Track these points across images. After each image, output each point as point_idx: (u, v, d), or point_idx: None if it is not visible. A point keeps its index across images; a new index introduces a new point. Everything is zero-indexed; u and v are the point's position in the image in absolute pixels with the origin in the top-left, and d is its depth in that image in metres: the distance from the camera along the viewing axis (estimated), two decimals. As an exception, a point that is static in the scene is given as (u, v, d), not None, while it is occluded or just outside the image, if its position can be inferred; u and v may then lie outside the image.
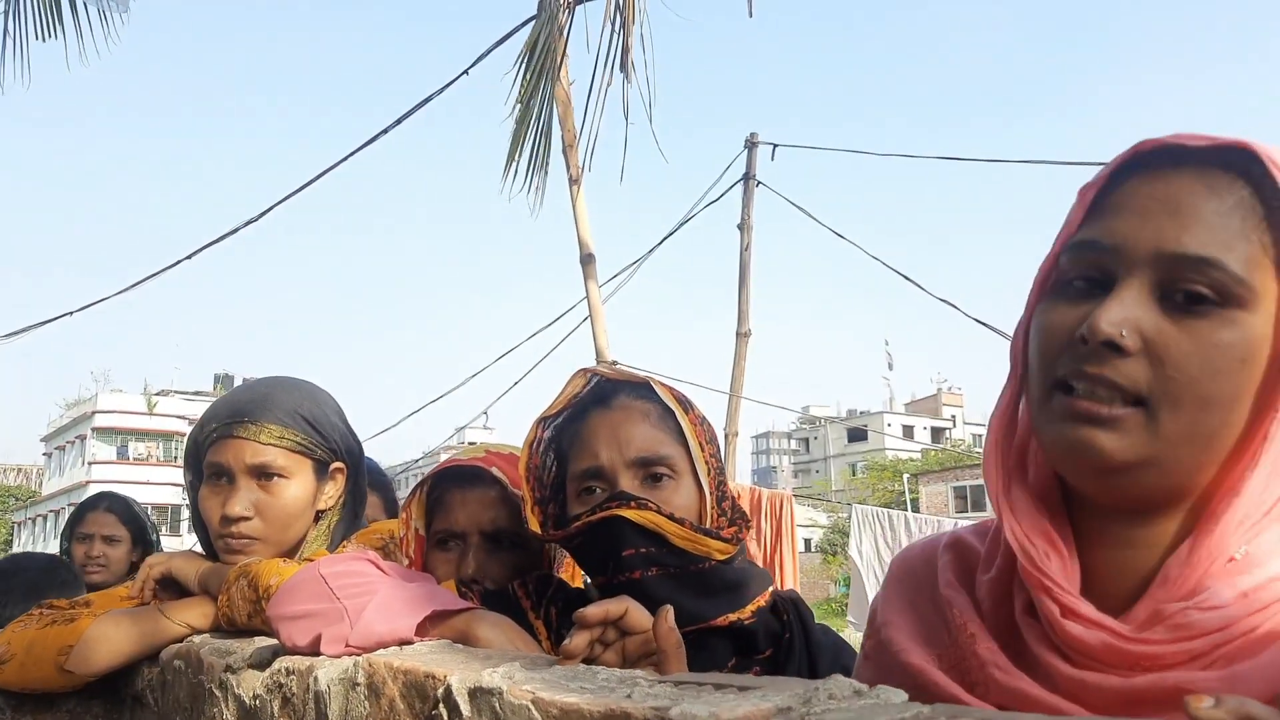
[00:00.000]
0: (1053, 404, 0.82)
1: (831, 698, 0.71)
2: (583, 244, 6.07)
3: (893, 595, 1.01)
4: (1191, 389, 0.77)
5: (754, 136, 7.63)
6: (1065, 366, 0.81)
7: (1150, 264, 0.79)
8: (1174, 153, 0.81)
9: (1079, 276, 0.83)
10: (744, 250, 7.26)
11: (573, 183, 5.70)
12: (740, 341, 7.04)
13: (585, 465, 1.35)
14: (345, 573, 1.25)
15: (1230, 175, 0.79)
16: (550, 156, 5.46)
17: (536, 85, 5.10)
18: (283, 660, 1.23)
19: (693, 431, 1.37)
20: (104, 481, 43.70)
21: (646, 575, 1.26)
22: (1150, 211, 0.80)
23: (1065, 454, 0.81)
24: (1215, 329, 0.77)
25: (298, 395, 1.77)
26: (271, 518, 1.69)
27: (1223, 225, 0.78)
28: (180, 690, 1.50)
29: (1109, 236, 0.81)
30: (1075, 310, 0.81)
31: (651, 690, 0.80)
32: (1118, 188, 0.83)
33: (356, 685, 1.06)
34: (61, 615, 1.67)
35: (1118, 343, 0.77)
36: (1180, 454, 0.78)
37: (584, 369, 1.45)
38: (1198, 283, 0.77)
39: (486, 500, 1.58)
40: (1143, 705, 0.76)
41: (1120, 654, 0.77)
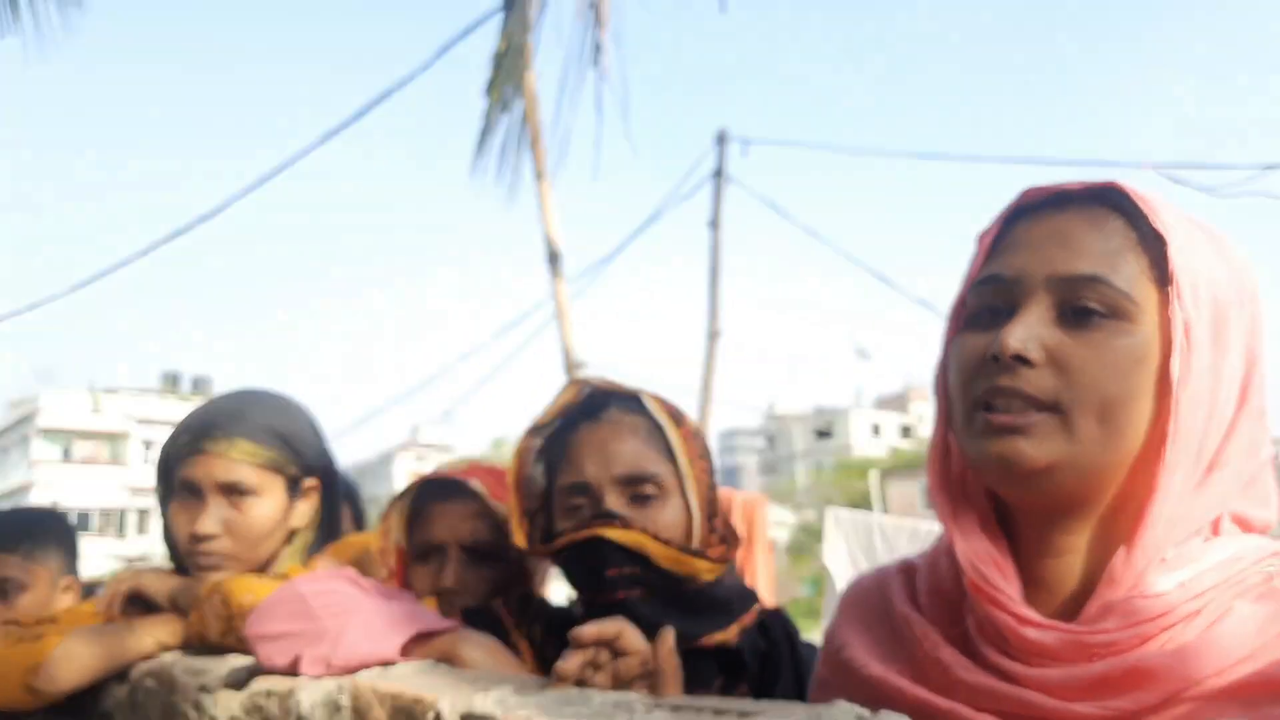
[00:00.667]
0: (974, 423, 0.90)
1: (835, 725, 0.71)
2: (550, 241, 6.04)
3: (847, 620, 1.07)
4: (1096, 390, 0.86)
5: (724, 132, 7.60)
6: (981, 387, 0.90)
7: (1046, 287, 0.89)
8: (1057, 197, 0.93)
9: (985, 309, 0.93)
10: (715, 248, 7.25)
11: (539, 179, 5.67)
12: (711, 341, 7.04)
13: (571, 480, 1.33)
14: (325, 591, 1.23)
15: (1107, 210, 0.91)
16: (519, 152, 5.43)
17: (505, 80, 5.06)
18: (261, 681, 1.21)
19: (683, 447, 1.35)
20: (48, 483, 42.67)
21: (630, 596, 1.25)
22: (1042, 244, 0.91)
23: (991, 465, 0.89)
24: (1109, 337, 0.87)
25: (271, 410, 1.74)
26: (241, 536, 1.66)
27: (1106, 250, 0.89)
28: (152, 710, 1.46)
29: (1008, 269, 0.92)
30: (984, 337, 0.91)
31: (649, 716, 0.79)
32: (1011, 231, 0.95)
33: (340, 709, 1.05)
34: (27, 633, 1.62)
35: (1024, 355, 0.86)
36: (1093, 452, 0.87)
37: (577, 379, 1.44)
38: (1089, 299, 0.87)
39: (465, 512, 1.56)
40: (1106, 687, 0.82)
41: (1079, 647, 0.84)
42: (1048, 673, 0.84)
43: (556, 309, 6.37)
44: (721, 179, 7.51)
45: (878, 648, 1.00)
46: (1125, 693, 0.81)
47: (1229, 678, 0.80)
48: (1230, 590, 0.85)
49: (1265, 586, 0.85)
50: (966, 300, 0.96)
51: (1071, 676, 0.83)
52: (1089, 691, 0.82)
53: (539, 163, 5.73)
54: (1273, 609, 0.83)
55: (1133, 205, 0.91)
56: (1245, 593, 0.85)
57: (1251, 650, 0.81)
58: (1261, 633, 0.82)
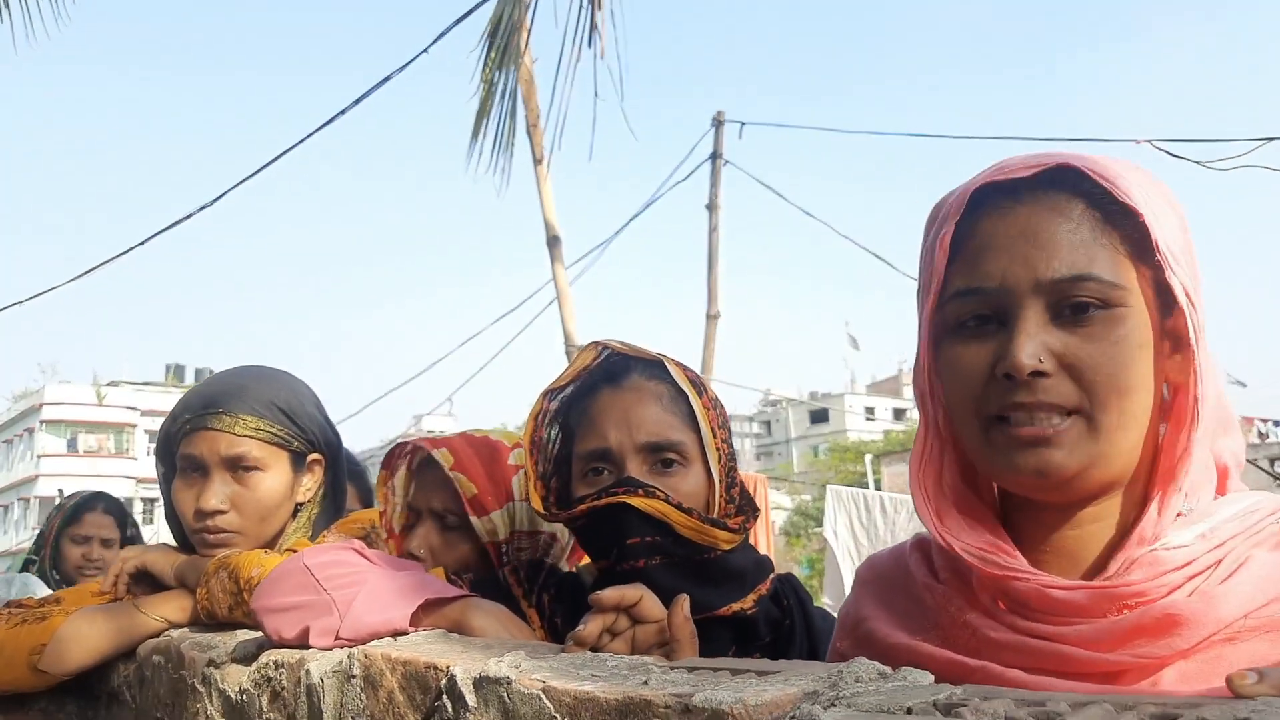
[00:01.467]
0: (993, 437, 0.90)
1: (858, 680, 0.69)
2: (549, 225, 6.01)
3: (865, 596, 1.07)
4: (1111, 385, 0.86)
5: (721, 114, 7.55)
6: (995, 403, 0.89)
7: (1034, 293, 0.88)
8: (1006, 187, 0.91)
9: (971, 317, 0.92)
10: (712, 231, 7.22)
11: (537, 163, 5.63)
12: (710, 323, 7.02)
13: (592, 445, 1.31)
14: (332, 563, 1.22)
15: (1065, 194, 0.89)
16: (515, 137, 5.39)
17: (500, 63, 5.02)
18: (270, 654, 1.20)
19: (705, 416, 1.33)
20: (53, 475, 42.79)
21: (650, 564, 1.23)
22: (1013, 247, 0.89)
23: (1023, 478, 0.88)
24: (1109, 328, 0.87)
25: (273, 385, 1.73)
26: (248, 511, 1.65)
27: (1079, 241, 0.88)
28: (160, 686, 1.45)
29: (987, 280, 0.90)
30: (982, 348, 0.90)
31: (668, 677, 0.78)
32: (972, 230, 0.92)
33: (352, 678, 1.03)
34: (32, 614, 1.61)
35: (1040, 370, 0.86)
36: (1118, 443, 0.88)
37: (595, 341, 1.40)
38: (1080, 295, 0.87)
39: (436, 481, 1.57)
40: (1139, 635, 0.82)
41: (1109, 599, 0.84)
42: (1080, 628, 0.85)
43: (556, 293, 6.35)
44: (718, 161, 7.47)
45: (900, 619, 1.00)
46: (1157, 639, 0.82)
47: (1255, 620, 0.82)
48: (1249, 540, 0.87)
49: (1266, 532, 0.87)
50: (944, 307, 0.94)
51: (1104, 628, 0.84)
52: (1122, 641, 0.83)
53: (536, 147, 5.70)
54: None
55: (1090, 183, 0.89)
56: (1263, 542, 0.87)
57: (1276, 594, 0.83)
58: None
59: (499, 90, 5.35)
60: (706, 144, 7.57)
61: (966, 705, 0.60)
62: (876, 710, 0.61)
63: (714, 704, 0.66)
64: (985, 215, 0.92)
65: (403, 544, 1.58)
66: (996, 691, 0.63)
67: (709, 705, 0.67)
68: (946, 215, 0.94)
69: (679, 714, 0.68)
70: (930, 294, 0.95)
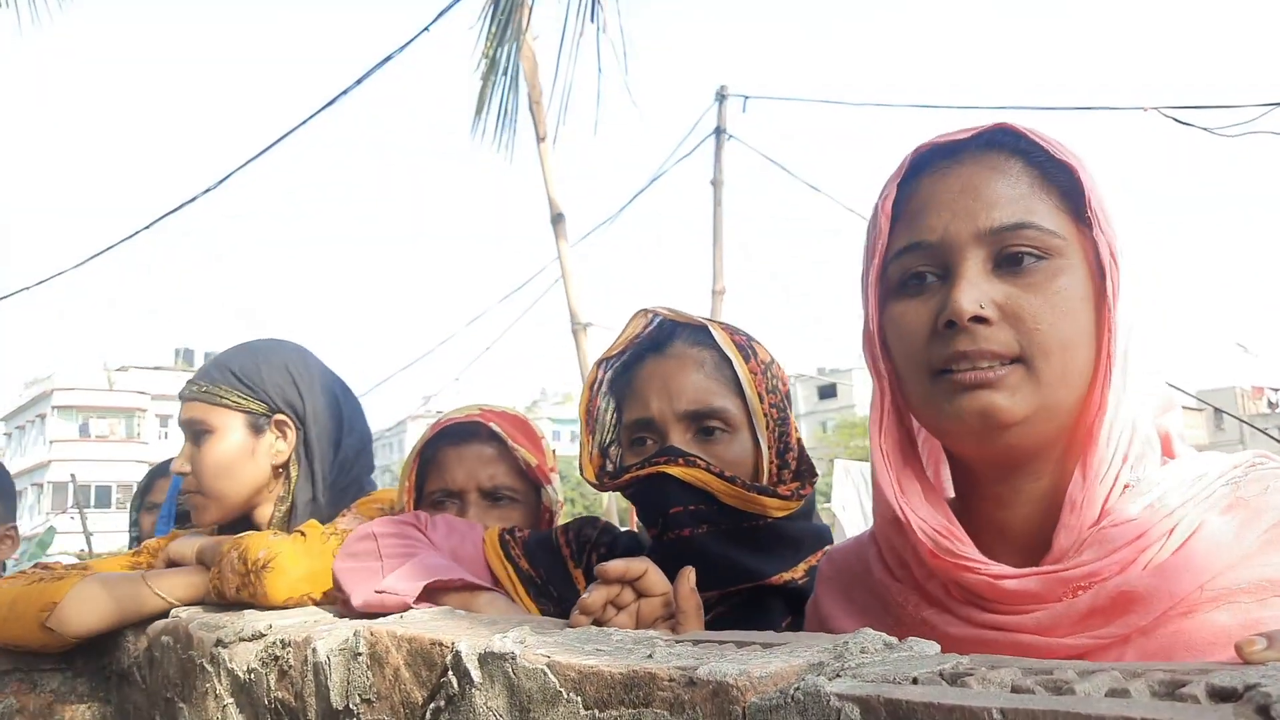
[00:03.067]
0: (937, 388, 0.89)
1: (864, 651, 0.69)
2: (552, 203, 5.99)
3: (828, 593, 1.07)
4: (1053, 334, 0.86)
5: (724, 89, 7.50)
6: (938, 354, 0.88)
7: (975, 244, 0.88)
8: (947, 149, 0.92)
9: (912, 275, 0.92)
10: (716, 206, 7.19)
11: (540, 140, 5.60)
12: (715, 299, 7.00)
13: (636, 415, 1.30)
14: (391, 533, 1.27)
15: (1003, 153, 0.90)
16: (519, 114, 5.36)
17: (501, 39, 4.98)
18: (277, 633, 1.20)
19: (751, 381, 1.30)
20: (65, 460, 43.05)
21: (696, 532, 1.22)
22: (954, 202, 0.90)
23: (966, 423, 0.88)
24: (1050, 279, 0.87)
25: (238, 353, 1.79)
26: (201, 472, 1.72)
27: (1018, 194, 0.88)
28: (169, 666, 1.46)
29: (929, 234, 0.90)
30: (925, 304, 0.90)
31: (673, 650, 0.78)
32: (914, 191, 0.93)
33: (359, 655, 1.03)
34: (50, 575, 1.66)
35: (981, 315, 0.86)
36: (1060, 395, 0.87)
37: (645, 309, 1.39)
38: (1021, 245, 0.87)
39: (484, 457, 1.55)
40: (1095, 617, 0.82)
41: (1061, 583, 0.84)
42: (1036, 615, 0.84)
43: (561, 270, 6.33)
44: (722, 136, 7.42)
45: (862, 615, 1.00)
46: (1115, 618, 0.81)
47: (1212, 589, 0.81)
48: (1199, 506, 0.85)
49: (1232, 497, 0.85)
50: (887, 270, 0.94)
51: (1060, 613, 0.83)
52: (1080, 624, 0.82)
53: (539, 124, 5.66)
54: (1243, 517, 0.83)
55: (1027, 143, 0.90)
56: (1213, 507, 0.85)
57: (1230, 560, 0.81)
58: (1238, 540, 0.82)
59: (501, 67, 5.31)
60: (710, 119, 7.52)
61: (973, 674, 0.59)
62: (882, 681, 0.60)
63: (719, 676, 0.66)
64: (926, 176, 0.93)
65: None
66: (1003, 660, 0.62)
67: (714, 678, 0.66)
68: (889, 181, 0.95)
69: (684, 687, 0.68)
70: (875, 257, 0.95)
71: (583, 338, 6.05)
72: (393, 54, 5.48)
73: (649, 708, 0.70)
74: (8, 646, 1.64)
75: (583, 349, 6.08)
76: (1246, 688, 0.48)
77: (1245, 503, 0.85)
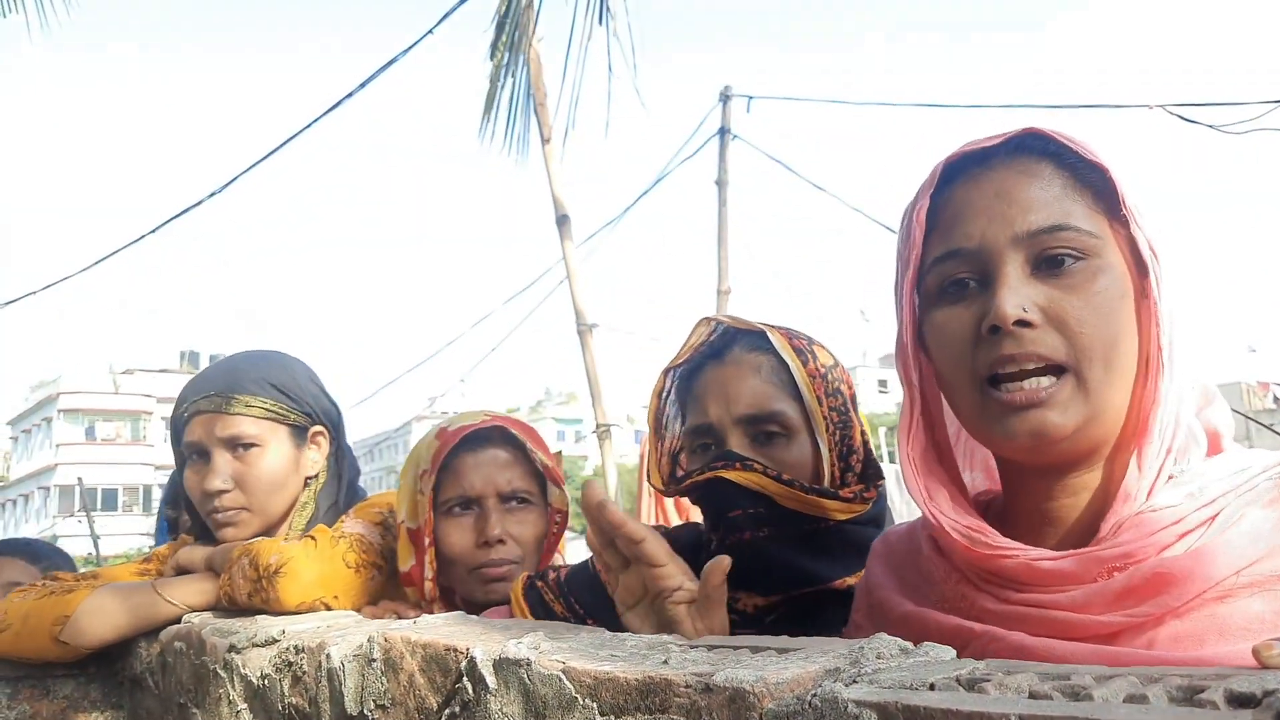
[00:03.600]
0: (987, 403, 0.90)
1: (879, 657, 0.69)
2: (557, 204, 5.99)
3: (879, 568, 1.08)
4: (1098, 336, 0.86)
5: (728, 89, 7.50)
6: (984, 360, 0.89)
7: (1013, 248, 0.88)
8: (977, 156, 0.93)
9: (951, 283, 0.92)
10: (721, 206, 7.19)
11: (545, 142, 5.60)
12: (721, 299, 7.00)
13: (697, 421, 1.32)
14: None
15: (1033, 157, 0.91)
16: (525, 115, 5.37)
17: (510, 42, 4.99)
18: (291, 638, 1.20)
19: (809, 385, 1.30)
20: (72, 464, 43.12)
21: (756, 535, 1.22)
22: (989, 207, 0.90)
23: (1019, 442, 0.88)
24: (1090, 279, 0.87)
25: (264, 364, 1.76)
26: (251, 487, 1.68)
27: (1052, 197, 0.89)
28: (182, 672, 1.47)
29: (966, 240, 0.90)
30: (966, 310, 0.91)
31: (688, 655, 0.78)
32: (947, 201, 0.93)
33: (373, 661, 1.04)
34: (61, 587, 1.66)
35: (1025, 319, 0.86)
36: (1109, 399, 0.88)
37: (707, 317, 1.40)
38: (1058, 247, 0.88)
39: (500, 461, 1.56)
40: (1130, 596, 0.83)
41: (1097, 563, 0.85)
42: (1071, 593, 0.85)
43: (566, 271, 6.33)
44: (726, 136, 7.42)
45: (909, 590, 1.01)
46: (1149, 598, 0.82)
47: (1246, 576, 0.81)
48: (1242, 498, 0.86)
49: (1276, 492, 0.86)
50: (924, 279, 0.95)
51: (1095, 592, 0.84)
52: (1115, 603, 0.83)
53: (544, 126, 5.67)
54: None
55: (1057, 146, 0.91)
56: (1256, 500, 0.86)
57: (1268, 549, 0.82)
58: (1276, 532, 0.83)
59: (508, 70, 5.31)
60: (714, 119, 7.52)
61: (990, 680, 0.59)
62: (899, 686, 0.60)
63: (735, 683, 0.66)
64: (959, 185, 0.93)
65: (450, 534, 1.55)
66: (1020, 666, 0.62)
67: (730, 684, 0.66)
68: (920, 191, 0.95)
69: (699, 693, 0.68)
70: (910, 266, 0.95)
71: (588, 338, 6.06)
72: (397, 56, 5.48)
73: (665, 714, 0.70)
74: (22, 659, 1.64)
75: (589, 349, 6.08)
76: (1266, 693, 0.48)
77: None
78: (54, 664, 1.65)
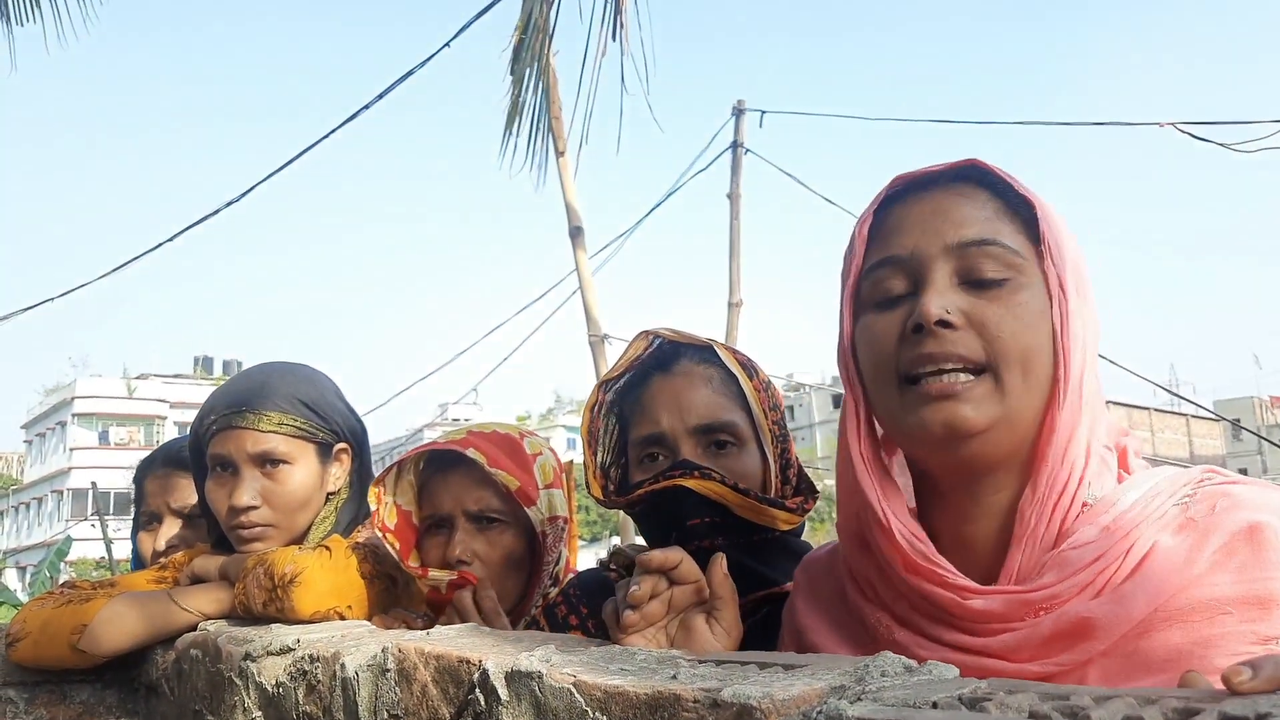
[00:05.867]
0: (905, 397, 0.93)
1: (884, 675, 0.70)
2: (571, 216, 6.03)
3: (805, 604, 1.11)
4: (1015, 344, 0.91)
5: (741, 103, 7.53)
6: (906, 360, 0.93)
7: (944, 257, 0.94)
8: (924, 180, 0.99)
9: (883, 290, 0.97)
10: (733, 220, 7.21)
11: (560, 155, 5.64)
12: (732, 312, 7.02)
13: (646, 431, 1.32)
14: None
15: (971, 184, 0.98)
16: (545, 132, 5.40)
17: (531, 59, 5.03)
18: (306, 647, 1.22)
19: (756, 398, 1.33)
20: (86, 468, 43.37)
21: (715, 544, 1.23)
22: (926, 221, 0.96)
23: (931, 432, 0.91)
24: (1011, 293, 0.92)
25: (294, 380, 1.76)
26: (279, 505, 1.68)
27: (984, 216, 0.95)
28: (198, 679, 1.48)
29: (900, 249, 0.96)
30: (894, 314, 0.95)
31: (696, 671, 0.79)
32: (887, 216, 0.99)
33: (386, 672, 1.05)
34: (79, 595, 1.68)
35: (947, 319, 0.90)
36: (1021, 405, 0.91)
37: (646, 331, 1.41)
38: (985, 260, 0.93)
39: (467, 482, 1.55)
40: (1057, 641, 0.86)
41: (1024, 605, 0.87)
42: (1003, 638, 0.88)
43: (579, 282, 6.37)
44: (739, 150, 7.45)
45: (839, 631, 1.04)
46: (1077, 644, 0.85)
47: (1165, 610, 0.85)
48: (1152, 526, 0.89)
49: (1182, 518, 0.89)
50: (860, 287, 1.00)
51: (1024, 637, 0.87)
52: (1043, 649, 0.86)
53: (558, 139, 5.70)
54: (1193, 539, 0.87)
55: (994, 178, 0.97)
56: (1165, 527, 0.89)
57: (1182, 583, 0.85)
58: (1188, 563, 0.86)
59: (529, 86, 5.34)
60: (727, 133, 7.55)
61: (991, 699, 0.60)
62: (902, 705, 0.62)
63: (742, 699, 0.68)
64: (899, 204, 0.99)
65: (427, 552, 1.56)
66: (1021, 685, 0.64)
67: (737, 700, 0.68)
68: (866, 209, 1.02)
69: (707, 708, 0.69)
70: (851, 274, 1.01)
71: (600, 350, 6.08)
72: (414, 69, 5.54)
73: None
74: (41, 667, 1.66)
75: (601, 362, 6.11)
76: (1259, 716, 0.50)
77: (1194, 523, 0.89)
78: (71, 670, 1.67)
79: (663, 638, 1.06)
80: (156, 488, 2.23)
